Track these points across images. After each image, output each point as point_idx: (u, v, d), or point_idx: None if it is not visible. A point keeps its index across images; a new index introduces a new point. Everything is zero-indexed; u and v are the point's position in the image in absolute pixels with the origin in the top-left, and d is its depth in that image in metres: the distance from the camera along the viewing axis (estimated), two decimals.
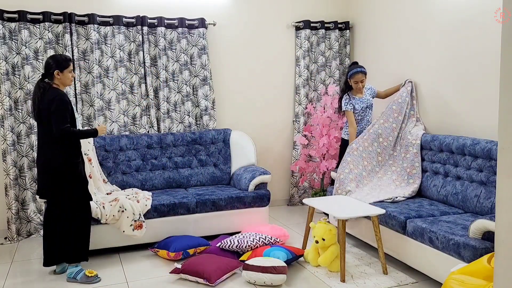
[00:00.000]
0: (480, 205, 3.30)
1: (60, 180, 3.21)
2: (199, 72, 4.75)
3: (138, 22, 4.47)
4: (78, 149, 3.31)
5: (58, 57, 3.26)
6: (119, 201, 3.65)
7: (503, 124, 1.45)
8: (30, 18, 4.14)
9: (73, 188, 3.26)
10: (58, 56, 3.28)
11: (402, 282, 3.15)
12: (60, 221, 3.29)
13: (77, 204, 3.29)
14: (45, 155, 3.21)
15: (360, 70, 4.30)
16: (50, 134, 3.17)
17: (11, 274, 3.45)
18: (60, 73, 3.21)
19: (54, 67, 3.19)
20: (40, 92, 3.18)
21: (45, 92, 3.18)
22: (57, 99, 3.12)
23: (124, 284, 3.21)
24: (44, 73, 3.24)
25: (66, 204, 3.25)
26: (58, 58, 3.23)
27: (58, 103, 3.12)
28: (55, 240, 3.28)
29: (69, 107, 3.20)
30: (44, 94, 3.17)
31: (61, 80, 3.24)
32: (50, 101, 3.13)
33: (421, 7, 4.25)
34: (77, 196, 3.28)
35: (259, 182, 4.20)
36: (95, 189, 3.90)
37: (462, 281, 2.36)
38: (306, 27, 5.09)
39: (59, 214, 3.28)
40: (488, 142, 3.40)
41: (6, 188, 4.13)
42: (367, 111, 4.43)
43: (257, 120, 5.13)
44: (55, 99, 3.12)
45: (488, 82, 3.60)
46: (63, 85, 3.27)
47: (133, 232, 3.63)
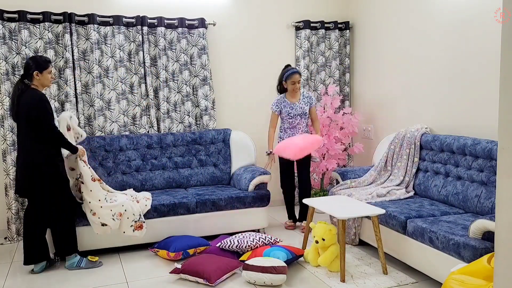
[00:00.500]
0: (480, 205, 3.30)
1: (41, 179, 3.27)
2: (199, 72, 4.75)
3: (138, 22, 4.47)
4: (59, 149, 3.39)
5: (38, 58, 3.31)
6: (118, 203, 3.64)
7: (503, 124, 1.45)
8: (30, 18, 4.15)
9: (54, 187, 3.34)
10: (38, 57, 3.33)
11: (402, 282, 3.15)
12: (41, 220, 3.36)
13: (59, 202, 3.37)
14: (26, 154, 3.26)
15: (297, 71, 4.24)
16: (30, 134, 3.23)
17: (11, 274, 3.45)
18: (40, 74, 3.27)
19: (33, 68, 3.25)
20: (19, 92, 3.24)
21: (23, 92, 3.23)
22: (37, 101, 3.20)
23: (124, 284, 3.21)
24: (23, 74, 3.30)
25: (47, 203, 3.33)
26: (37, 59, 3.29)
27: (42, 105, 3.20)
28: (35, 239, 3.35)
29: (51, 107, 3.29)
30: (22, 95, 3.23)
31: (40, 81, 3.29)
32: (30, 103, 3.19)
33: (421, 7, 4.25)
34: (57, 195, 3.36)
35: (259, 182, 4.20)
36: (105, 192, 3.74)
37: (462, 281, 2.36)
38: (306, 27, 5.09)
39: (40, 213, 3.34)
40: (488, 142, 3.40)
41: (6, 188, 4.13)
42: (300, 120, 4.30)
43: (257, 120, 5.13)
44: (34, 102, 3.19)
45: (488, 82, 3.60)
46: (42, 86, 3.33)
47: (134, 232, 3.63)
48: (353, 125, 4.93)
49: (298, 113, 4.29)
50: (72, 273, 3.42)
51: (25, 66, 3.30)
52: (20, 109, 3.22)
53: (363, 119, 5.14)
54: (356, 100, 5.35)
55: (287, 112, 4.29)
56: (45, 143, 3.27)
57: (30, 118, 3.20)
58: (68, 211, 3.46)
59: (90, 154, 4.22)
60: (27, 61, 3.29)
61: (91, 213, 3.51)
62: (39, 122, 3.21)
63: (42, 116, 3.20)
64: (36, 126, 3.22)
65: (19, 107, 3.23)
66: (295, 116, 4.29)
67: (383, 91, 4.85)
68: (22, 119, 3.23)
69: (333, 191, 4.06)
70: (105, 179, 4.19)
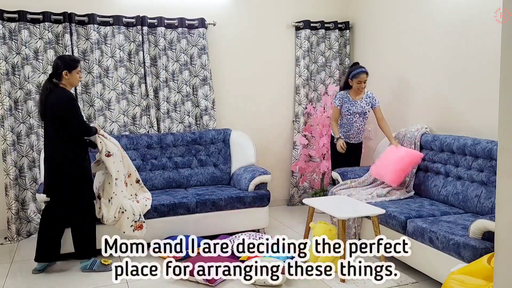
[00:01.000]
0: (480, 205, 3.30)
1: (61, 178, 3.27)
2: (199, 72, 4.75)
3: (138, 22, 4.47)
4: (85, 148, 3.41)
5: (67, 58, 3.34)
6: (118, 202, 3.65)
7: (503, 124, 1.45)
8: (30, 18, 4.14)
9: (74, 186, 3.31)
10: (66, 57, 3.36)
11: (402, 282, 3.15)
12: (59, 220, 3.36)
13: (78, 202, 3.36)
14: (53, 154, 3.27)
15: (365, 70, 4.24)
16: (55, 133, 3.24)
17: (11, 274, 3.44)
18: (68, 74, 3.28)
19: (62, 68, 3.25)
20: (47, 92, 3.25)
21: (51, 92, 3.23)
22: (66, 101, 3.21)
23: (124, 284, 3.21)
24: (52, 73, 3.30)
25: (66, 202, 3.32)
26: (66, 59, 3.30)
27: (70, 103, 3.22)
28: (50, 237, 3.35)
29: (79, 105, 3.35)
30: (50, 94, 3.23)
31: (68, 81, 3.30)
32: (58, 102, 3.21)
33: (421, 7, 4.25)
34: (77, 195, 3.35)
35: (259, 182, 4.20)
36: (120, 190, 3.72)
37: (462, 281, 2.36)
38: (306, 27, 5.09)
39: (58, 213, 3.34)
40: (488, 142, 3.40)
41: (6, 188, 4.13)
42: (358, 118, 4.31)
43: (257, 120, 5.13)
44: (62, 101, 3.20)
45: (488, 82, 3.60)
46: (70, 85, 3.34)
47: (134, 232, 3.63)
48: None
49: (358, 111, 4.29)
50: (72, 273, 3.42)
51: (54, 65, 3.30)
52: (48, 108, 3.22)
53: None
54: None
55: (347, 108, 4.30)
56: (70, 142, 3.27)
57: (58, 118, 3.21)
58: (88, 213, 3.43)
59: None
60: (55, 60, 3.29)
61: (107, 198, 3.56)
62: (66, 122, 3.22)
63: (71, 115, 3.22)
64: (63, 125, 3.23)
65: (46, 106, 3.23)
66: (354, 114, 4.29)
67: (383, 91, 4.84)
68: (49, 118, 3.24)
69: (333, 191, 4.06)
70: None
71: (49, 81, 3.28)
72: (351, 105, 4.29)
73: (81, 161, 3.35)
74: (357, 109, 4.29)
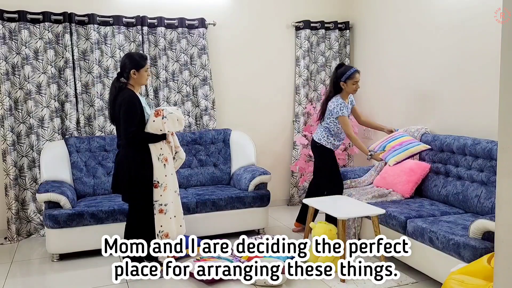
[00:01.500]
0: (480, 205, 3.30)
1: (129, 181, 3.14)
2: (199, 72, 4.75)
3: (138, 22, 4.47)
4: (149, 153, 3.17)
5: (135, 55, 3.16)
6: None
7: (503, 124, 1.45)
8: (30, 18, 4.14)
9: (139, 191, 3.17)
10: (134, 54, 3.19)
11: (402, 282, 3.15)
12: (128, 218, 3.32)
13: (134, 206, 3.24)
14: (120, 154, 3.18)
15: (358, 69, 3.98)
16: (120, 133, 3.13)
17: (11, 274, 3.44)
18: (137, 73, 3.13)
19: (130, 67, 3.11)
20: (115, 93, 3.13)
21: (119, 92, 3.13)
22: (125, 102, 3.06)
23: (124, 284, 3.21)
24: (120, 72, 3.16)
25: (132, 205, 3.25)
26: (134, 57, 3.14)
27: (126, 107, 3.05)
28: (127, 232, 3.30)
29: (137, 110, 3.09)
30: (118, 95, 3.12)
31: (136, 80, 3.15)
32: (122, 103, 3.07)
33: (421, 7, 4.25)
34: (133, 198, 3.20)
35: (259, 182, 4.20)
36: None
37: (462, 281, 2.36)
38: (306, 27, 5.09)
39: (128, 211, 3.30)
40: (488, 142, 3.40)
41: (6, 188, 4.13)
42: None
43: (257, 120, 5.13)
44: (123, 103, 3.06)
45: (488, 82, 3.60)
46: (138, 84, 3.19)
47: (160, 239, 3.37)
48: (353, 125, 4.92)
49: (349, 114, 4.07)
50: (71, 273, 3.43)
51: (121, 64, 3.16)
52: (116, 109, 3.11)
53: None
54: (356, 100, 5.34)
55: (347, 114, 3.98)
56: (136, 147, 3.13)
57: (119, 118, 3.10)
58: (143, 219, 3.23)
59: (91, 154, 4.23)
60: (123, 59, 3.16)
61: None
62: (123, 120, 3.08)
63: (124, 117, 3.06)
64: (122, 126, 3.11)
65: (115, 108, 3.12)
66: (349, 117, 4.03)
67: (383, 91, 4.85)
68: (117, 119, 3.14)
69: None
70: (105, 179, 4.20)
71: (117, 80, 3.14)
72: (347, 110, 3.98)
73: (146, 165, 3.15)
74: (349, 112, 4.09)
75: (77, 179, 4.10)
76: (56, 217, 3.57)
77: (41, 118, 4.24)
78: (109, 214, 3.70)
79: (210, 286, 3.12)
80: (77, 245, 3.67)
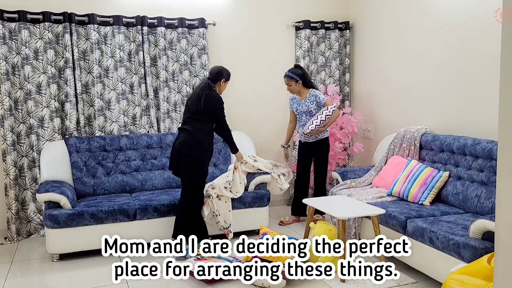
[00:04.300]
0: (480, 205, 3.30)
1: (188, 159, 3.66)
2: (199, 72, 4.75)
3: (138, 22, 4.47)
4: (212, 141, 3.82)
5: (227, 70, 3.93)
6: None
7: (503, 124, 1.45)
8: (30, 18, 4.14)
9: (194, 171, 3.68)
10: (227, 69, 3.93)
11: (402, 282, 3.15)
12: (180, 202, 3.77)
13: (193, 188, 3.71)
14: (187, 135, 3.68)
15: (286, 74, 4.38)
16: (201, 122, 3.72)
17: (11, 274, 3.45)
18: (225, 82, 3.90)
19: (224, 77, 3.87)
20: (208, 91, 3.75)
21: (210, 92, 3.76)
22: (220, 102, 3.80)
23: (124, 284, 3.21)
24: (212, 77, 3.83)
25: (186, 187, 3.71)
26: (228, 71, 3.93)
27: (222, 106, 3.81)
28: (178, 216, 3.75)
29: None
30: (208, 93, 3.75)
31: (220, 88, 3.90)
32: (214, 101, 3.75)
33: (421, 7, 4.25)
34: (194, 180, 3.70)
35: (259, 182, 4.21)
36: None
37: (462, 281, 2.36)
38: (306, 27, 5.09)
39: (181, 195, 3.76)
40: (488, 142, 3.40)
41: (6, 188, 4.13)
42: (304, 117, 4.42)
43: (257, 120, 5.13)
44: (218, 102, 3.78)
45: (488, 82, 3.60)
46: (219, 91, 3.90)
47: None
48: (353, 125, 4.92)
49: (304, 110, 4.41)
50: (71, 273, 3.43)
51: (217, 71, 3.85)
52: (203, 103, 3.70)
53: (363, 119, 5.13)
54: (356, 100, 5.35)
55: (295, 109, 4.51)
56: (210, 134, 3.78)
57: (210, 113, 3.74)
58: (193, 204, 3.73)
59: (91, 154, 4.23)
60: (220, 68, 3.86)
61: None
62: (216, 117, 3.79)
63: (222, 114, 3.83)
64: (211, 119, 3.78)
65: (200, 101, 3.70)
66: (301, 113, 4.45)
67: (383, 91, 4.85)
68: (200, 111, 3.70)
69: (333, 191, 4.06)
70: (105, 179, 4.20)
71: (210, 82, 3.80)
72: (298, 105, 4.46)
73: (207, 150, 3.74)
74: (303, 108, 4.42)
75: (77, 179, 4.11)
76: (56, 217, 3.57)
77: (41, 118, 4.24)
78: (109, 214, 3.70)
79: (210, 286, 3.12)
80: (77, 245, 3.67)
